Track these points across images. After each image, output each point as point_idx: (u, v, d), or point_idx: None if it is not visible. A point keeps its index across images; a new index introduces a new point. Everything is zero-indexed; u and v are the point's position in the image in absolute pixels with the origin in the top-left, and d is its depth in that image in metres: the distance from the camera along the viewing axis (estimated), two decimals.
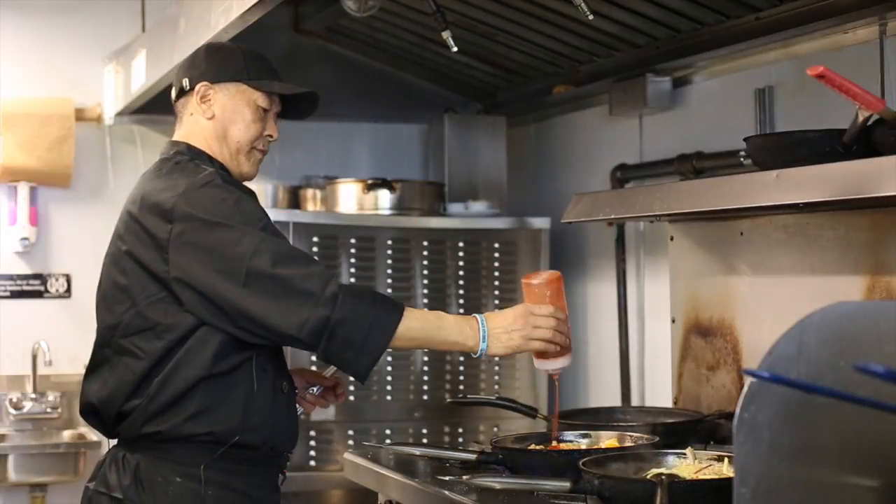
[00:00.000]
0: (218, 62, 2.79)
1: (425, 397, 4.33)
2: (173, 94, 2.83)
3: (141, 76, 4.58)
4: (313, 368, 3.39)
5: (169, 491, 2.60)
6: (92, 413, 2.73)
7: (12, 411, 5.14)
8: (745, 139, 2.98)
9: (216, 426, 2.61)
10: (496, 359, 4.40)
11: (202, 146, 2.76)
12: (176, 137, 2.81)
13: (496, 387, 4.38)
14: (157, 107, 4.83)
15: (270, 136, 2.81)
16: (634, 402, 4.14)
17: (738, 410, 1.72)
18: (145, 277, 2.62)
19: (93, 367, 2.73)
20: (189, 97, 2.78)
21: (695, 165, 3.72)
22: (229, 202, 2.60)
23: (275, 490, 2.76)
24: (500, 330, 2.66)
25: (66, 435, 5.11)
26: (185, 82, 2.79)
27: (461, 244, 4.40)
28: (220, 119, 2.76)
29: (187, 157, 2.73)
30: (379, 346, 2.56)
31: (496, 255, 4.42)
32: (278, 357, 2.73)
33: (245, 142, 2.77)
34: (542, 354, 2.76)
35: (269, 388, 2.67)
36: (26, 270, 5.22)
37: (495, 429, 4.30)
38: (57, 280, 5.24)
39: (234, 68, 2.77)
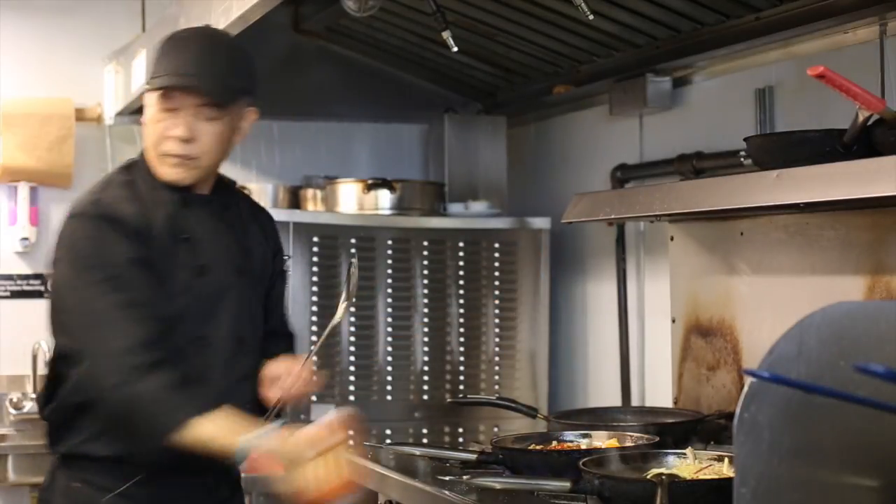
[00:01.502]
0: (150, 63, 2.68)
1: (425, 397, 4.33)
2: None
3: (141, 76, 4.57)
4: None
5: (69, 495, 2.60)
6: None
7: (12, 411, 5.13)
8: (745, 139, 2.98)
9: (122, 450, 2.55)
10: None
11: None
12: None
13: (496, 387, 4.38)
14: None
15: (177, 136, 2.57)
16: (634, 402, 4.13)
17: (738, 410, 1.72)
18: None
19: None
20: None
21: (695, 165, 3.71)
22: (90, 241, 2.56)
23: (200, 500, 2.67)
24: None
25: None
26: None
27: (461, 244, 4.39)
28: (144, 124, 2.67)
29: (124, 167, 2.70)
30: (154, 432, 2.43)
31: (496, 255, 4.42)
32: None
33: (150, 145, 2.62)
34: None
35: None
36: (26, 270, 5.22)
37: (495, 429, 4.30)
38: None
39: (151, 65, 2.65)
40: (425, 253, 4.34)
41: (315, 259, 4.20)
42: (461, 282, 4.38)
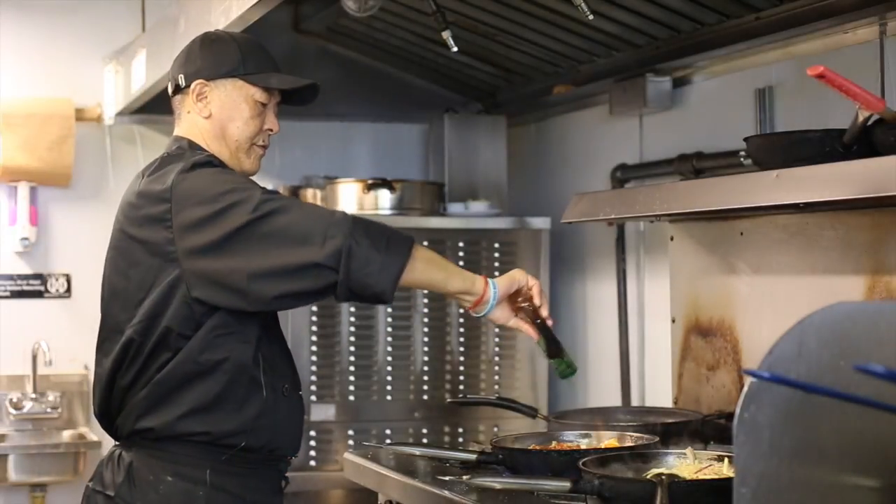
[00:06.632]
0: (213, 57, 2.72)
1: (425, 397, 4.33)
2: (170, 89, 2.79)
3: (141, 76, 4.58)
4: None
5: (160, 489, 2.56)
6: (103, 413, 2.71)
7: (12, 411, 5.13)
8: (745, 139, 2.98)
9: (213, 426, 2.57)
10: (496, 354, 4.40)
11: (202, 144, 2.73)
12: (177, 133, 2.78)
13: (496, 387, 4.38)
14: (157, 107, 4.83)
15: (271, 130, 2.77)
16: (634, 402, 4.13)
17: (738, 410, 1.72)
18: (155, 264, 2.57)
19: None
20: (185, 95, 2.74)
21: (695, 165, 3.72)
22: (225, 174, 2.63)
23: (274, 493, 2.72)
24: None
25: (66, 435, 5.11)
26: (181, 79, 2.74)
27: (461, 244, 4.39)
28: (218, 117, 2.71)
29: (188, 149, 2.71)
30: (398, 263, 2.50)
31: (496, 255, 4.42)
32: (281, 358, 2.70)
33: (244, 139, 2.73)
34: None
35: (271, 389, 2.62)
36: (26, 270, 5.22)
37: (495, 429, 4.30)
38: (57, 280, 5.24)
39: (231, 63, 2.72)
40: None
41: None
42: None
